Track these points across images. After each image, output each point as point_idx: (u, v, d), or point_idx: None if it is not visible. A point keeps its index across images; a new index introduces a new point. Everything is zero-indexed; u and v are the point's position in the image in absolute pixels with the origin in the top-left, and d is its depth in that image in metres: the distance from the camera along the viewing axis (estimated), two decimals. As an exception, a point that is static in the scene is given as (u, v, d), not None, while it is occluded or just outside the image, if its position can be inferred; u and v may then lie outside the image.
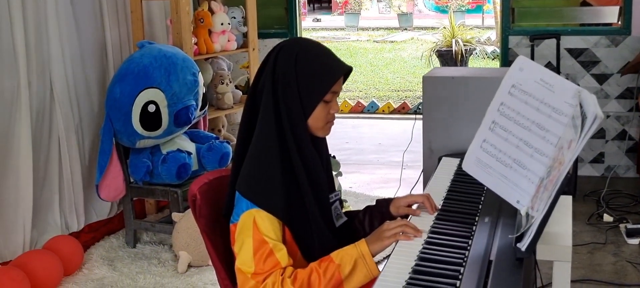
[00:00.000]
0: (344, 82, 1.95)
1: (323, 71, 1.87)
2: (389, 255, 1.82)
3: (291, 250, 1.86)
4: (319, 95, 1.87)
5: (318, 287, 1.75)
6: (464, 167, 2.04)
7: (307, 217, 1.88)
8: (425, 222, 1.98)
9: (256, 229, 1.79)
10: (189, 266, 3.81)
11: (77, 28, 4.15)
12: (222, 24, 4.60)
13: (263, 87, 1.87)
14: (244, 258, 1.79)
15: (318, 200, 1.91)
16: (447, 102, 2.96)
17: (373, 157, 6.38)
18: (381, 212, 2.11)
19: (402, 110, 8.52)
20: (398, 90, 10.96)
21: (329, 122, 1.93)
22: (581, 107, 1.73)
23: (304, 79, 1.85)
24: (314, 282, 1.76)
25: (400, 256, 1.76)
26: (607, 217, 4.30)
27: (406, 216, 2.07)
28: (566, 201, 2.35)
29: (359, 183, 5.42)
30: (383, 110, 8.59)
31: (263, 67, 1.91)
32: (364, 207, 2.19)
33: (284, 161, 1.84)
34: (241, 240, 1.82)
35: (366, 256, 1.79)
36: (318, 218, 1.90)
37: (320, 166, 1.94)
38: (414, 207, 2.10)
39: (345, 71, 1.91)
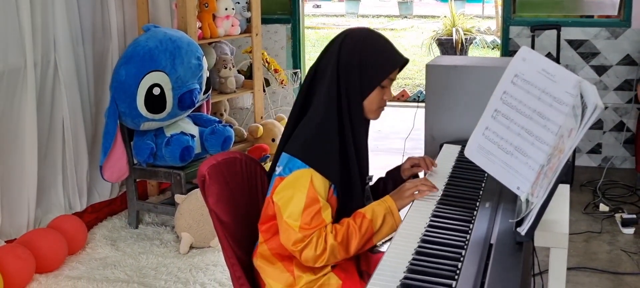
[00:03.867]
0: (399, 71, 2.10)
1: (385, 57, 2.04)
2: (391, 238, 1.88)
3: (333, 207, 2.01)
4: (379, 78, 2.02)
5: (355, 239, 1.95)
6: (466, 154, 2.09)
7: (350, 188, 2.03)
8: (427, 206, 2.04)
9: (312, 187, 1.93)
10: (191, 247, 3.86)
11: (82, 10, 4.18)
12: (226, 9, 4.63)
13: (326, 68, 2.02)
14: (292, 211, 1.92)
15: (361, 176, 2.07)
16: (450, 90, 3.00)
17: (372, 143, 6.40)
18: (394, 179, 2.29)
19: (402, 97, 8.56)
20: (397, 78, 10.95)
21: (380, 107, 2.09)
22: (582, 97, 1.78)
23: (367, 62, 2.00)
24: (351, 235, 1.95)
25: (404, 238, 1.82)
26: (603, 207, 4.37)
27: (415, 176, 2.29)
28: (564, 190, 2.41)
29: (358, 170, 5.47)
30: (382, 98, 8.62)
31: (326, 51, 2.05)
32: (376, 180, 2.35)
33: (340, 134, 1.99)
34: (291, 193, 1.94)
35: (393, 210, 2.00)
36: (360, 192, 2.06)
37: (366, 147, 2.12)
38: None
39: (404, 61, 2.07)
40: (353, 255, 1.99)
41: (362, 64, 2.00)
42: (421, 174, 2.34)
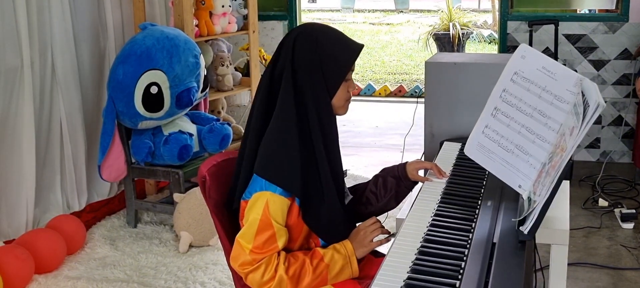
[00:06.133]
0: None
1: (343, 50, 1.96)
2: (394, 234, 1.88)
3: (297, 227, 1.95)
4: (342, 74, 1.95)
5: (306, 279, 1.91)
6: (466, 152, 2.09)
7: (322, 194, 1.96)
8: (429, 205, 2.03)
9: (266, 210, 1.86)
10: (190, 246, 3.85)
11: (78, 9, 4.17)
12: (223, 6, 4.62)
13: (282, 73, 1.92)
14: (246, 232, 1.89)
15: (335, 178, 2.00)
16: (449, 88, 2.99)
17: (370, 139, 6.42)
18: (395, 176, 2.20)
19: (399, 93, 8.56)
20: (394, 73, 10.97)
21: (347, 100, 2.02)
22: (583, 94, 1.78)
23: (327, 60, 1.93)
24: (304, 274, 1.91)
25: (406, 237, 1.81)
26: (602, 202, 4.36)
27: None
28: (564, 186, 2.41)
29: (356, 166, 5.46)
30: (379, 93, 8.62)
31: (278, 55, 1.96)
32: (373, 176, 2.26)
33: (303, 141, 1.91)
34: (248, 216, 1.90)
35: (352, 262, 1.97)
36: (335, 197, 1.99)
37: (337, 145, 2.03)
38: (423, 173, 2.25)
39: (360, 48, 1.99)
40: None
41: (323, 62, 1.92)
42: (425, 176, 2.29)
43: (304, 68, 1.91)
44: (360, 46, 1.99)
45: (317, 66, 1.92)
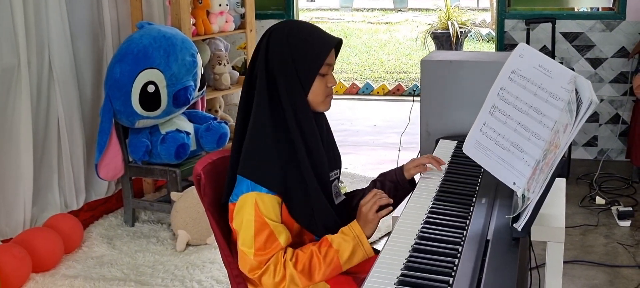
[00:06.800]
0: (336, 55, 2.01)
1: (315, 44, 1.93)
2: (389, 233, 1.88)
3: (288, 224, 1.93)
4: (315, 68, 1.92)
5: (318, 270, 1.87)
6: (464, 150, 2.09)
7: (307, 192, 1.93)
8: (424, 202, 2.04)
9: (258, 211, 1.86)
10: (188, 245, 3.86)
11: (76, 7, 4.17)
12: (220, 5, 4.62)
13: (259, 75, 1.92)
14: (245, 239, 1.87)
15: (318, 176, 1.96)
16: (445, 86, 3.00)
17: (368, 138, 6.42)
18: (393, 180, 2.19)
19: (397, 92, 8.56)
20: (393, 72, 10.97)
21: (328, 96, 1.99)
22: (577, 92, 1.78)
23: (298, 55, 1.90)
24: (314, 266, 1.87)
25: (401, 235, 1.81)
26: (599, 200, 4.37)
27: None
28: (560, 184, 2.41)
29: (355, 165, 5.47)
30: (378, 92, 8.62)
31: (256, 54, 1.96)
32: (371, 181, 2.24)
33: (280, 138, 1.89)
34: (240, 219, 1.89)
35: (363, 241, 1.90)
36: (319, 193, 1.96)
37: (320, 142, 1.99)
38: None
39: (335, 42, 1.97)
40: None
41: (294, 58, 1.89)
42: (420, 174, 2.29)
43: (277, 63, 1.90)
44: (336, 39, 1.96)
45: (289, 60, 1.90)
